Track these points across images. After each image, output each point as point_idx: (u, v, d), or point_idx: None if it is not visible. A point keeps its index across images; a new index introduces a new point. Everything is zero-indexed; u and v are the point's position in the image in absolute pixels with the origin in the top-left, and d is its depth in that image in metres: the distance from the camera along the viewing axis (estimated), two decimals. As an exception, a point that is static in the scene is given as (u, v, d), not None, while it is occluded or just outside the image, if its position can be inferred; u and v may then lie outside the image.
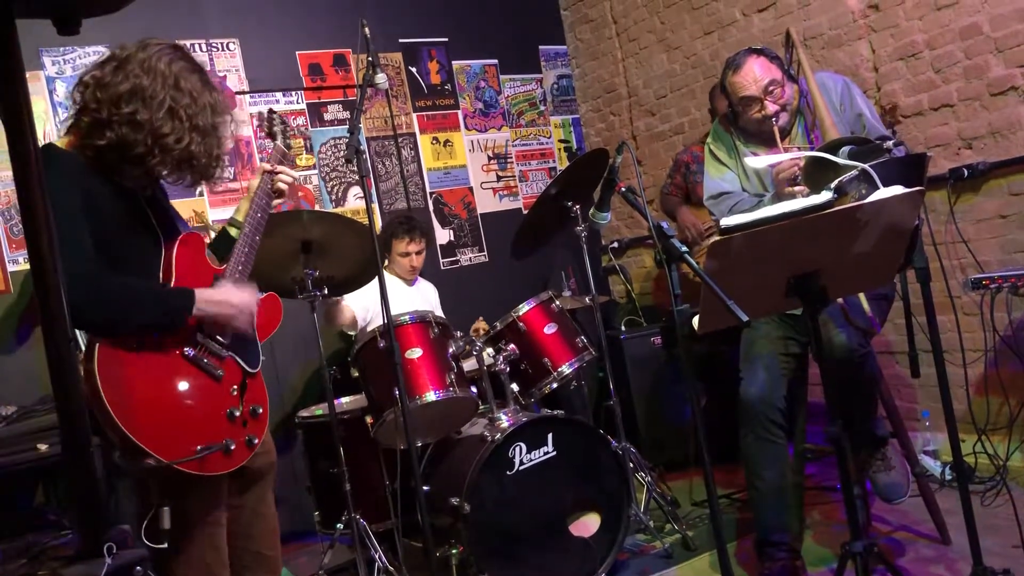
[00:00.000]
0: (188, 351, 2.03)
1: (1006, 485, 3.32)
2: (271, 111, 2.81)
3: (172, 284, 2.08)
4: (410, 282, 4.30)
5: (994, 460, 3.54)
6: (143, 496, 2.01)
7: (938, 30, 3.80)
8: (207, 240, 2.36)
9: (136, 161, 2.01)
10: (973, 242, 3.72)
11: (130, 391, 1.89)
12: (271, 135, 2.71)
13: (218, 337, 2.10)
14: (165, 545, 1.89)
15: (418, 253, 4.24)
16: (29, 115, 1.10)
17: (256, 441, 2.12)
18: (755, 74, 2.87)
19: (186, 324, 2.02)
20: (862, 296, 2.78)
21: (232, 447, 2.02)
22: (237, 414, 2.08)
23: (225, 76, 4.69)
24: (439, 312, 4.35)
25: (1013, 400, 3.59)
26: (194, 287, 2.08)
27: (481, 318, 4.30)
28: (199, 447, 1.95)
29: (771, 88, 2.87)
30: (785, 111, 2.90)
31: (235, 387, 2.12)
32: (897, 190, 2.03)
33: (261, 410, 2.17)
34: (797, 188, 2.70)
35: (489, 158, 5.62)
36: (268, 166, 2.49)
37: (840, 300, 2.75)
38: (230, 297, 2.09)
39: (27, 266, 3.89)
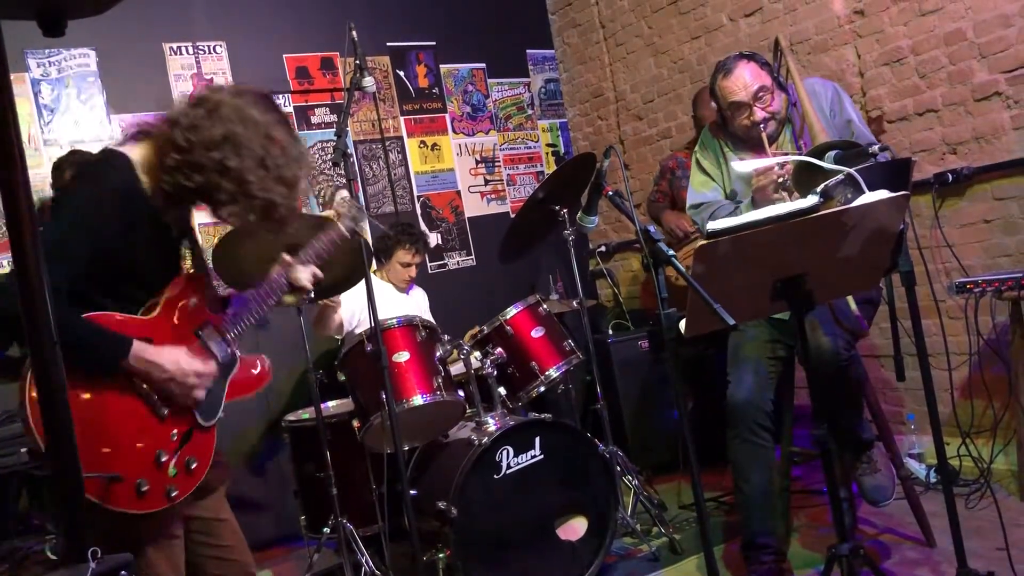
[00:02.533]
0: (141, 383, 1.95)
1: (990, 488, 3.34)
2: (336, 187, 2.68)
3: (151, 317, 2.02)
4: (404, 290, 4.29)
5: (978, 463, 3.56)
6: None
7: (923, 36, 3.83)
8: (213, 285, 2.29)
9: (217, 205, 2.00)
10: (958, 246, 3.74)
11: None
12: (337, 214, 2.56)
13: None
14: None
15: (418, 265, 4.25)
16: (14, 117, 1.09)
17: (175, 494, 1.96)
18: (745, 80, 2.89)
19: (117, 371, 1.92)
20: (849, 296, 2.79)
21: (144, 488, 1.89)
22: (165, 459, 1.95)
23: (212, 79, 4.68)
24: (429, 318, 4.35)
25: (997, 403, 3.61)
26: (168, 329, 2.03)
27: (476, 327, 4.30)
28: (113, 472, 1.85)
29: (760, 94, 2.88)
30: (774, 119, 2.92)
31: (176, 432, 2.00)
32: (882, 194, 2.04)
33: (196, 465, 2.02)
34: (776, 196, 2.72)
35: (477, 162, 5.63)
36: (290, 259, 2.37)
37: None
38: (164, 361, 1.96)
39: (10, 268, 3.87)
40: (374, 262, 4.17)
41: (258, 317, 2.24)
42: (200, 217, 2.20)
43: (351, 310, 4.01)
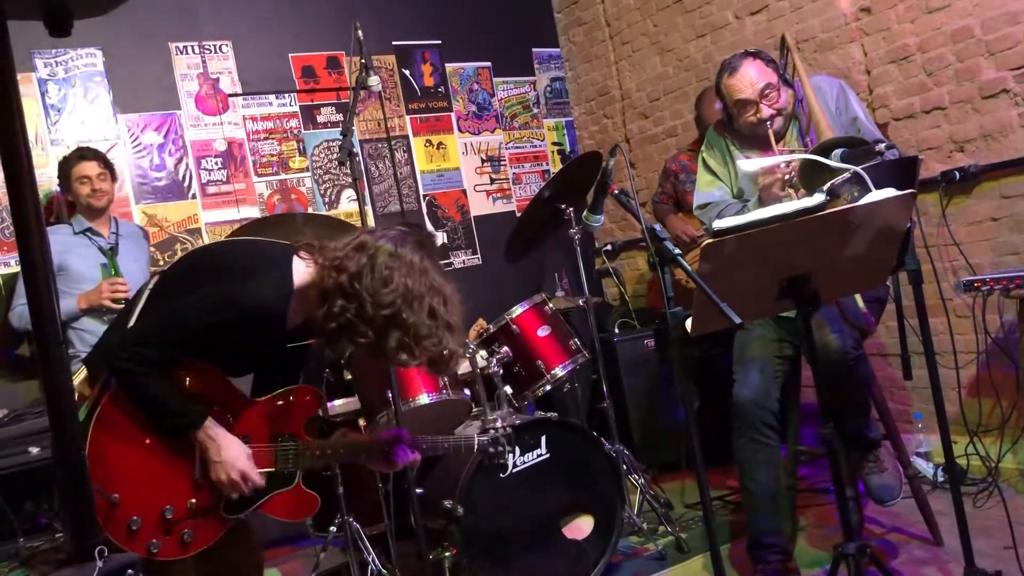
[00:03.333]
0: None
1: (998, 487, 3.34)
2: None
3: (258, 401, 2.14)
4: None
5: (986, 462, 3.55)
6: None
7: (930, 33, 3.81)
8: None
9: (391, 354, 2.03)
10: (965, 245, 3.73)
11: (126, 415, 1.95)
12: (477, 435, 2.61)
13: None
14: None
15: None
16: (20, 117, 1.10)
17: (155, 551, 1.98)
18: (751, 77, 2.88)
19: (184, 437, 2.02)
20: (857, 294, 2.79)
21: (135, 528, 1.94)
22: (168, 517, 1.99)
23: (218, 78, 4.69)
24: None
25: (1005, 402, 3.60)
26: (247, 425, 2.12)
27: (481, 319, 4.29)
28: (115, 495, 1.91)
29: (767, 92, 2.87)
30: (780, 115, 2.91)
31: (196, 501, 2.04)
32: (889, 193, 2.04)
33: (191, 541, 2.03)
34: (782, 194, 2.71)
35: (482, 160, 5.62)
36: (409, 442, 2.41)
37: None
38: (222, 448, 2.02)
39: (18, 268, 3.88)
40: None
41: (339, 461, 2.27)
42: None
43: None
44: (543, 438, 3.23)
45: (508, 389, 3.44)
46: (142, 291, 2.13)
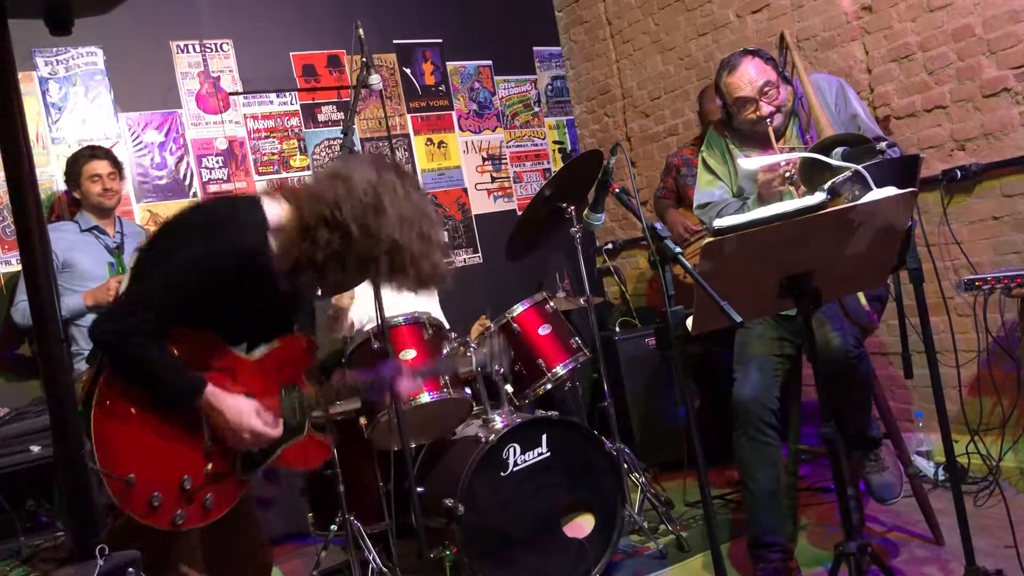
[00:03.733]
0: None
1: (999, 486, 3.33)
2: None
3: (253, 359, 2.09)
4: None
5: (987, 461, 3.55)
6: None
7: (931, 32, 3.81)
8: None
9: (382, 279, 2.04)
10: (966, 243, 3.73)
11: (125, 398, 1.91)
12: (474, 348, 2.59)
13: None
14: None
15: None
16: (21, 115, 1.10)
17: (181, 522, 1.97)
18: (750, 75, 2.88)
19: (188, 407, 1.99)
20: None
21: (156, 504, 1.92)
22: (187, 487, 1.98)
23: (219, 77, 4.69)
24: (439, 312, 4.35)
25: (1006, 401, 3.60)
26: (251, 380, 2.09)
27: (483, 316, 4.29)
28: (131, 475, 1.88)
29: (766, 89, 2.87)
30: (780, 112, 2.91)
31: (211, 467, 2.03)
32: (890, 191, 2.03)
33: (212, 507, 2.03)
34: (782, 189, 2.71)
35: (483, 159, 5.63)
36: (407, 366, 2.43)
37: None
38: (226, 411, 2.00)
39: (19, 267, 3.88)
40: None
41: (346, 399, 2.26)
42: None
43: (365, 308, 4.00)
44: (544, 437, 3.23)
45: (509, 388, 3.44)
46: None
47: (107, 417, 1.89)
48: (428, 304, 4.29)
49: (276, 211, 2.02)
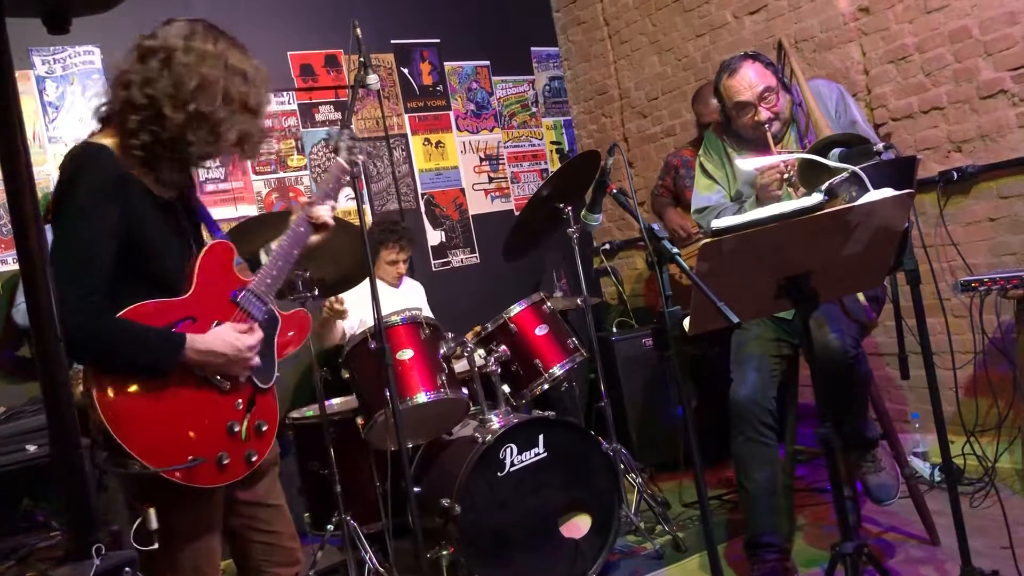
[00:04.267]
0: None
1: (994, 486, 3.34)
2: (344, 125, 2.65)
3: (189, 295, 2.02)
4: (396, 285, 4.29)
5: (983, 461, 3.56)
6: (129, 497, 1.98)
7: (928, 33, 3.82)
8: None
9: (195, 154, 2.00)
10: (962, 245, 3.73)
11: (126, 394, 1.86)
12: (334, 150, 2.55)
13: None
14: (155, 546, 1.86)
15: (404, 261, 4.24)
16: (18, 114, 1.09)
17: (255, 458, 2.04)
18: (750, 79, 2.88)
19: (176, 368, 1.94)
20: (857, 290, 2.79)
21: (226, 461, 1.95)
22: (237, 428, 2.00)
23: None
24: (427, 310, 4.35)
25: (1002, 402, 3.60)
26: (209, 301, 2.04)
27: (478, 326, 4.29)
28: (190, 458, 1.88)
29: (766, 95, 2.88)
30: (778, 119, 2.91)
31: (241, 401, 2.05)
32: (887, 192, 2.04)
33: (266, 427, 2.09)
34: (779, 193, 2.72)
35: (481, 159, 5.62)
36: (304, 200, 2.37)
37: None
38: (219, 346, 1.98)
39: (16, 266, 3.88)
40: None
41: (287, 269, 2.23)
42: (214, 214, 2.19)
43: (358, 315, 4.01)
44: (541, 437, 3.23)
45: (506, 388, 3.44)
46: None
47: (128, 418, 1.86)
48: (418, 304, 4.30)
49: (109, 138, 1.98)
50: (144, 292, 1.96)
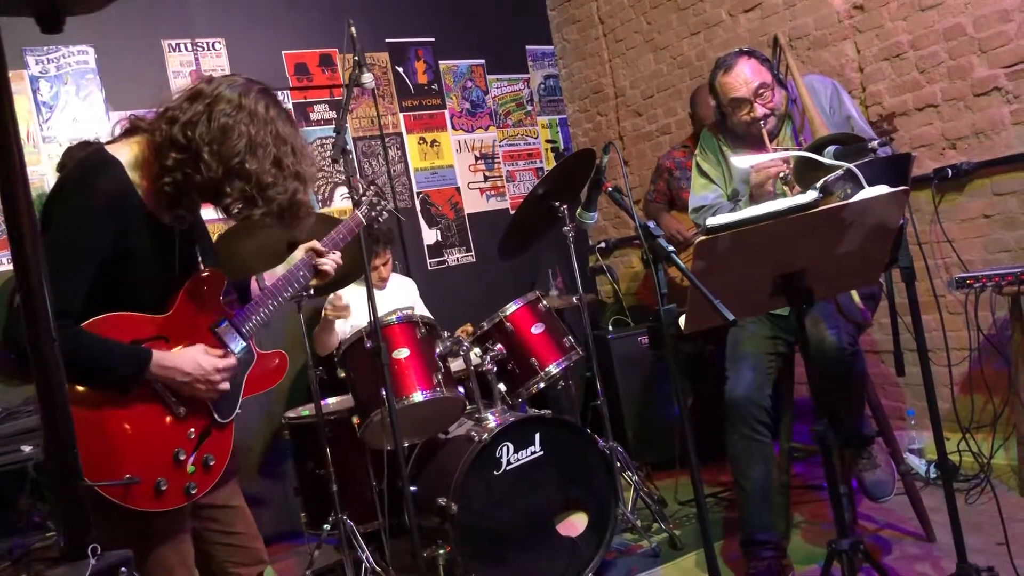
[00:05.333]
0: (157, 384, 1.95)
1: (990, 483, 3.34)
2: (372, 182, 2.66)
3: (166, 316, 2.00)
4: (381, 287, 4.28)
5: (978, 458, 3.56)
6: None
7: (922, 31, 3.82)
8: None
9: (230, 204, 1.96)
10: (957, 242, 3.74)
11: (76, 400, 1.81)
12: (356, 204, 2.54)
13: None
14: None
15: (384, 264, 4.24)
16: (12, 114, 1.09)
17: (195, 492, 1.98)
18: (746, 76, 2.89)
19: (138, 383, 1.91)
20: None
21: (164, 488, 1.90)
22: (183, 457, 1.95)
23: (211, 76, 4.67)
24: (421, 306, 4.35)
25: (997, 398, 3.61)
26: (184, 326, 2.02)
27: (468, 324, 4.29)
28: (127, 476, 1.83)
29: (761, 91, 2.88)
30: (773, 115, 2.92)
31: (194, 430, 2.01)
32: (882, 190, 2.04)
33: (214, 463, 2.04)
34: (775, 190, 2.72)
35: (476, 158, 5.62)
36: (317, 245, 2.36)
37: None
38: (183, 365, 1.96)
39: (10, 267, 3.87)
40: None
41: (276, 308, 2.22)
42: (201, 214, 2.18)
43: (355, 318, 4.00)
44: (537, 436, 3.23)
45: (502, 387, 3.44)
46: None
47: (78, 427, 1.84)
48: (413, 302, 4.30)
49: (126, 144, 1.97)
50: (114, 305, 1.93)
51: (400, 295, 4.32)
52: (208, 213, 2.14)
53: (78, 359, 1.82)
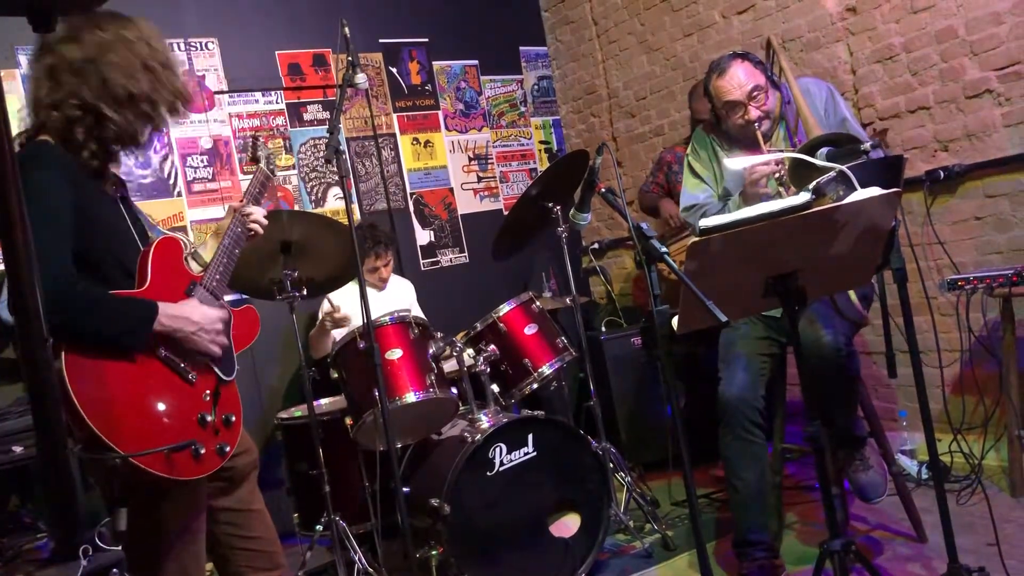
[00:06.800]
0: (162, 351, 1.97)
1: (981, 484, 3.36)
2: (255, 137, 2.72)
3: (146, 288, 2.01)
4: (381, 288, 4.28)
5: (969, 459, 3.58)
6: (108, 496, 1.95)
7: (915, 33, 3.84)
8: (185, 246, 2.27)
9: (139, 133, 2.05)
10: (949, 243, 3.76)
11: (98, 385, 1.84)
12: (255, 159, 2.59)
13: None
14: (119, 548, 1.83)
15: (386, 265, 4.24)
16: (3, 112, 1.09)
17: (228, 449, 2.04)
18: (740, 79, 2.89)
19: (148, 337, 1.94)
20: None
21: (202, 451, 1.94)
22: (209, 419, 2.01)
23: (204, 76, 4.66)
24: (417, 308, 4.35)
25: (988, 400, 3.62)
26: (165, 294, 2.03)
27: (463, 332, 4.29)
28: (179, 444, 1.89)
29: (755, 94, 2.89)
30: (768, 118, 2.92)
31: (208, 392, 2.05)
32: (874, 191, 2.05)
33: (234, 418, 2.10)
34: (766, 191, 2.72)
35: (470, 159, 5.62)
36: (238, 204, 2.38)
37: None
38: (191, 314, 2.01)
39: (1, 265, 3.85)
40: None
41: (231, 266, 2.25)
42: (194, 214, 2.19)
43: (353, 322, 4.00)
44: (530, 436, 3.23)
45: (495, 387, 3.44)
46: None
47: (104, 408, 1.83)
48: (410, 304, 4.30)
49: (46, 136, 2.03)
50: (108, 279, 1.98)
51: (400, 297, 4.32)
52: (209, 212, 2.14)
53: (92, 313, 1.87)
